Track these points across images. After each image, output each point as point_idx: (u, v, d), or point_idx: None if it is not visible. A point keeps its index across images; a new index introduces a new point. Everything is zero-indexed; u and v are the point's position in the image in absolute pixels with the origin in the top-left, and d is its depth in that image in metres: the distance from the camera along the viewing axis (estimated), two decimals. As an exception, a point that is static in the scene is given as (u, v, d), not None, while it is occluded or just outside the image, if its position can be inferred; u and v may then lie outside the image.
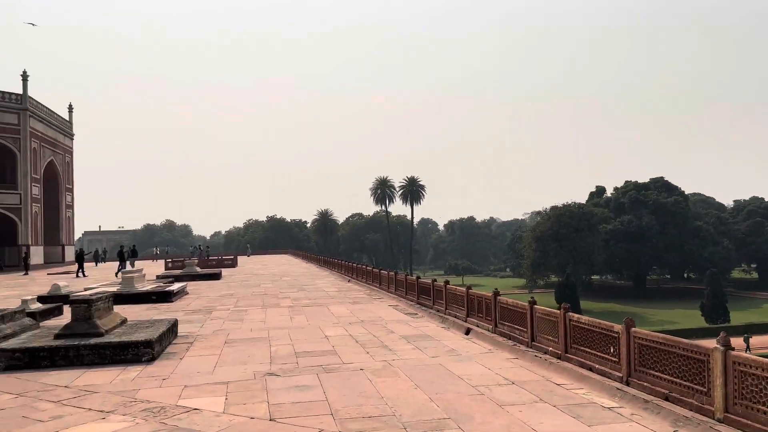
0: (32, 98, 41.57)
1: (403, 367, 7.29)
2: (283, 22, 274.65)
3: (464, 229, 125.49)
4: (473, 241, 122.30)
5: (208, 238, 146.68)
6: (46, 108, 44.67)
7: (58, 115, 47.77)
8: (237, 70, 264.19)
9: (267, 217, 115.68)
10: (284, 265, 40.04)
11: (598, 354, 6.47)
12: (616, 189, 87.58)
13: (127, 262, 31.26)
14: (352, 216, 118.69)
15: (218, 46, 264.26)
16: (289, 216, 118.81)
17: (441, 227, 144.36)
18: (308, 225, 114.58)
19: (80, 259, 33.09)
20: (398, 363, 7.52)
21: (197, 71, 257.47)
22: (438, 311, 11.72)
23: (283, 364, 7.61)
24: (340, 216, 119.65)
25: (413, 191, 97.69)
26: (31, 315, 10.75)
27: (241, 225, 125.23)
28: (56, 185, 47.47)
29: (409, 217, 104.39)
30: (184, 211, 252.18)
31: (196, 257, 40.43)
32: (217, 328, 10.95)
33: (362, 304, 14.55)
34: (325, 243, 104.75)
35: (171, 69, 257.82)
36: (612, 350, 6.25)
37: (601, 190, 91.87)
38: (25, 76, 41.00)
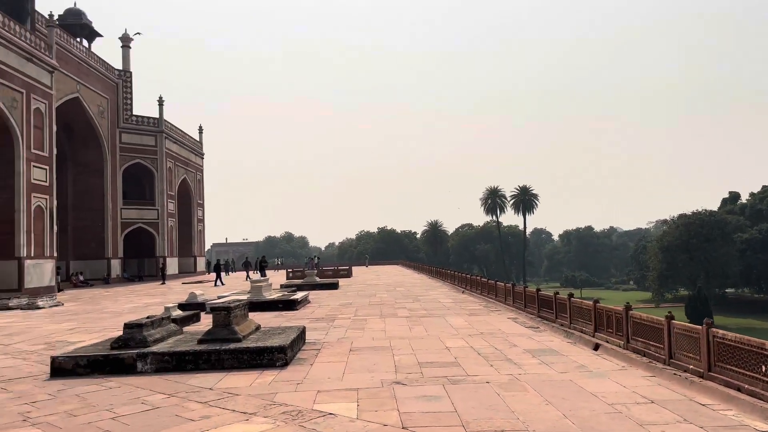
0: (167, 121, 45.43)
1: (530, 381, 7.13)
2: (388, 35, 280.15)
3: (581, 239, 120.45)
4: (591, 252, 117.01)
5: (323, 249, 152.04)
6: (180, 130, 48.64)
7: (190, 136, 51.84)
8: (343, 83, 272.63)
9: (378, 228, 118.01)
10: (397, 275, 40.55)
11: (748, 373, 5.97)
12: (752, 195, 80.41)
13: (256, 272, 33.16)
14: (462, 226, 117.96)
15: (326, 59, 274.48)
16: (399, 227, 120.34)
17: (555, 237, 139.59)
18: (418, 236, 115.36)
19: (217, 269, 35.67)
20: (525, 377, 7.37)
21: (313, 83, 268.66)
22: (561, 325, 11.34)
23: (408, 373, 7.72)
24: (450, 226, 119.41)
25: (525, 200, 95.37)
26: (174, 321, 11.69)
27: (353, 236, 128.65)
28: (188, 201, 51.47)
29: (521, 227, 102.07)
30: (302, 224, 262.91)
31: (308, 267, 42.02)
32: (341, 336, 11.31)
33: (480, 316, 14.40)
34: (434, 254, 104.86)
35: (288, 81, 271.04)
36: (764, 369, 5.76)
37: (735, 196, 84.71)
38: (161, 102, 44.94)
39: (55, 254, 29.88)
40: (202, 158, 55.50)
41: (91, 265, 39.37)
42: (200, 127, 55.58)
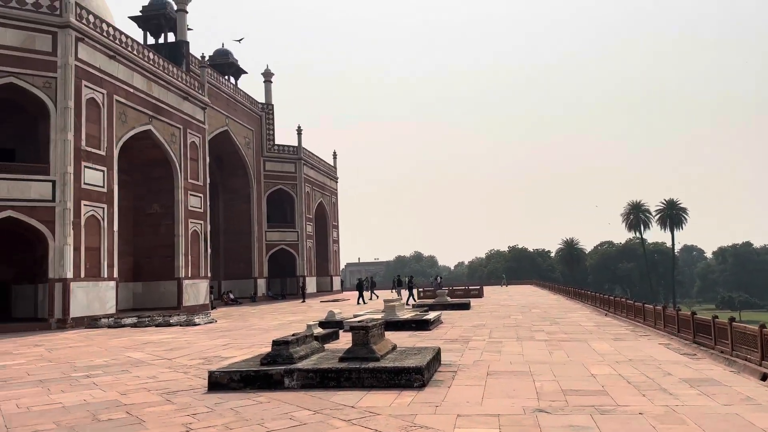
0: (305, 149, 48.08)
1: (689, 414, 6.51)
2: (504, 47, 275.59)
3: (739, 256, 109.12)
4: (750, 271, 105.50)
5: (452, 268, 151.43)
6: (316, 156, 51.24)
7: (325, 162, 54.43)
8: (469, 100, 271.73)
9: (508, 247, 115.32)
10: (530, 296, 39.26)
11: None
12: None
13: (393, 291, 33.71)
14: (601, 244, 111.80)
15: (450, 79, 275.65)
16: (530, 245, 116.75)
17: (708, 255, 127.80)
18: (551, 254, 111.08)
19: (360, 287, 36.87)
20: (684, 409, 6.75)
21: (440, 103, 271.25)
22: (722, 352, 10.28)
23: (551, 401, 7.38)
24: (587, 244, 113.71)
25: (673, 215, 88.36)
26: (316, 339, 12.18)
27: (483, 255, 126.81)
28: (324, 223, 53.89)
29: (668, 244, 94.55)
30: (431, 243, 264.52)
31: (433, 287, 41.98)
32: (477, 358, 11.12)
33: (626, 341, 13.47)
34: (571, 273, 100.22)
35: (416, 102, 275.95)
36: None
37: None
38: (299, 131, 47.76)
39: (209, 274, 32.53)
40: (337, 182, 57.92)
41: (240, 284, 42.31)
42: (334, 153, 58.16)
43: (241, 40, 45.64)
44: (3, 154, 23.06)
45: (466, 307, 25.90)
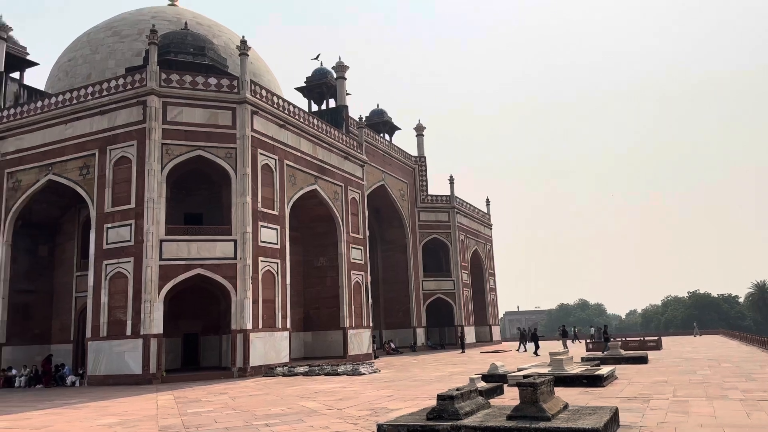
0: (457, 197, 48.45)
1: None
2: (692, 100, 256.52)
3: None
4: None
5: (623, 317, 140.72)
6: (469, 204, 51.37)
7: (478, 209, 54.30)
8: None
9: (688, 292, 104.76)
10: (718, 347, 35.06)
11: None
12: None
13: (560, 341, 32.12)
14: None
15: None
16: (714, 290, 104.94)
17: None
18: (740, 300, 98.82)
19: (534, 338, 35.02)
20: None
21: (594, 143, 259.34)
22: None
23: (757, 474, 6.44)
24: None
25: None
26: (480, 393, 11.90)
27: (658, 302, 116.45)
28: (480, 271, 53.28)
29: None
30: (598, 289, 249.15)
31: (596, 338, 39.03)
32: (660, 420, 10.09)
33: None
34: (765, 321, 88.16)
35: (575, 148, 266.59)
36: None
37: None
38: (451, 180, 48.38)
39: (371, 324, 33.48)
40: (491, 229, 57.35)
41: (399, 334, 42.99)
42: (487, 200, 57.92)
43: (318, 56, 41.39)
44: (193, 218, 26.10)
45: (642, 360, 23.80)
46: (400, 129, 47.98)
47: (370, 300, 33.63)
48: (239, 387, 18.96)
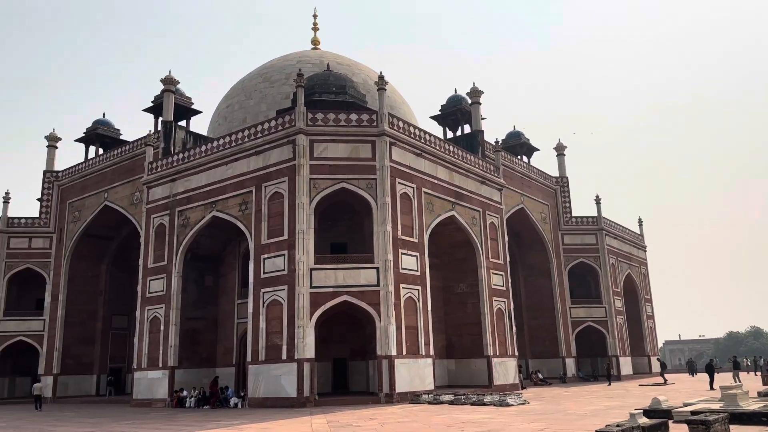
0: (605, 218, 45.89)
1: None
2: None
3: None
4: None
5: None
6: (619, 225, 48.44)
7: (630, 230, 50.97)
8: None
9: None
10: None
11: None
12: None
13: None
14: None
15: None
16: None
17: None
18: None
19: (709, 370, 31.87)
20: None
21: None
22: None
23: None
24: None
25: None
26: (642, 430, 11.01)
27: None
28: (635, 297, 49.75)
29: None
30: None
31: (764, 370, 34.27)
32: None
33: None
34: None
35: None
36: None
37: None
38: (598, 201, 45.99)
39: (516, 353, 32.49)
40: (645, 251, 53.53)
41: (547, 364, 41.23)
42: (640, 220, 54.26)
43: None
44: (339, 247, 27.27)
45: (837, 398, 20.57)
46: (538, 150, 46.79)
47: (514, 328, 32.68)
48: (387, 413, 19.23)
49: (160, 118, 34.37)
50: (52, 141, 41.88)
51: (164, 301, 29.08)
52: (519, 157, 43.46)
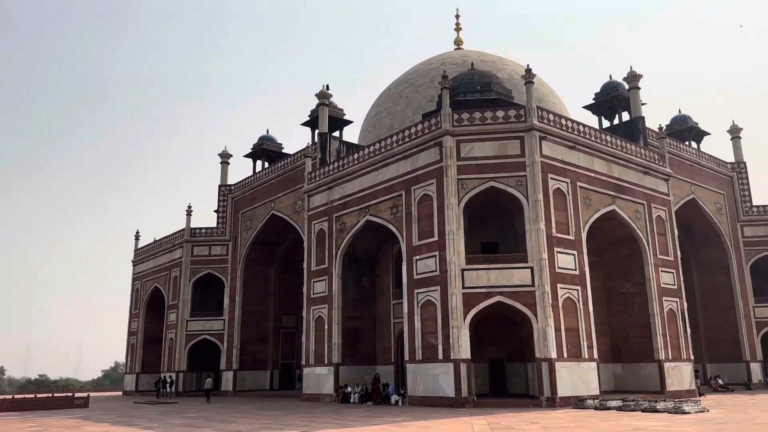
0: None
1: None
2: None
3: None
4: None
5: None
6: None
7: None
8: None
9: None
10: None
11: None
12: None
13: None
14: None
15: None
16: None
17: None
18: None
19: None
20: None
21: None
22: None
23: None
24: None
25: None
26: None
27: None
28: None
29: None
30: None
31: None
32: None
33: None
34: None
35: None
36: None
37: None
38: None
39: (692, 357, 29.81)
40: None
41: (727, 368, 37.39)
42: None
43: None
44: (489, 247, 26.92)
45: None
46: (709, 134, 42.43)
47: (689, 329, 29.93)
48: (550, 417, 18.60)
49: (317, 131, 36.51)
50: (225, 158, 46.34)
51: (327, 302, 30.80)
52: (687, 143, 39.78)
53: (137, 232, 53.12)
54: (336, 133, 37.59)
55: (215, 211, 44.89)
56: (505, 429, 15.43)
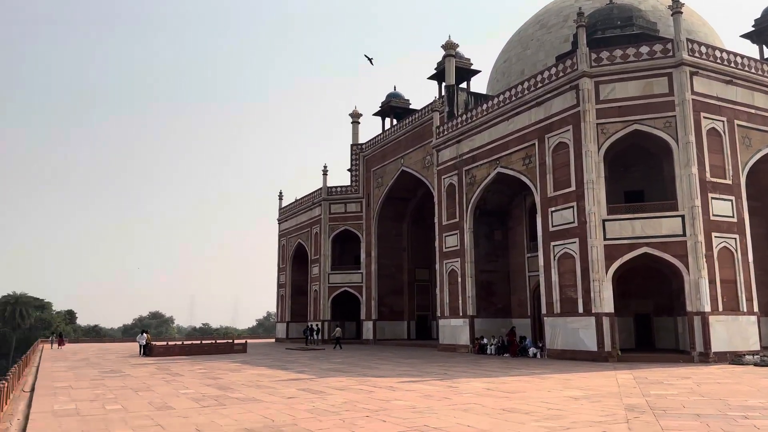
0: None
1: None
2: None
3: None
4: None
5: None
6: None
7: None
8: None
9: None
10: None
11: None
12: None
13: None
14: None
15: None
16: None
17: None
18: None
19: None
20: None
21: None
22: None
23: None
24: None
25: None
26: None
27: None
28: None
29: None
30: None
31: None
32: None
33: None
34: None
35: None
36: None
37: None
38: None
39: None
40: None
41: None
42: None
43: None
44: (634, 195, 25.27)
45: None
46: None
47: None
48: (703, 373, 17.48)
49: (443, 83, 36.06)
50: (355, 117, 47.47)
51: (459, 255, 30.93)
52: None
53: (280, 193, 56.61)
54: (463, 85, 36.90)
55: (348, 169, 46.44)
56: (653, 383, 14.76)
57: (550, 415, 10.05)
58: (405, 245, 43.82)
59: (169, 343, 39.86)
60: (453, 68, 35.04)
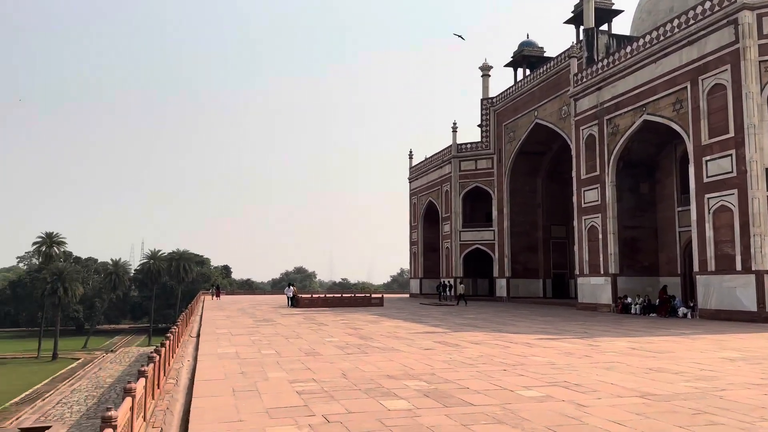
0: None
1: None
2: None
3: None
4: None
5: None
6: None
7: None
8: None
9: None
10: None
11: None
12: None
13: None
14: None
15: None
16: None
17: None
18: None
19: None
20: None
21: None
22: None
23: None
24: None
25: None
26: None
27: None
28: None
29: None
30: None
31: None
32: None
33: None
34: None
35: None
36: None
37: None
38: None
39: None
40: None
41: None
42: None
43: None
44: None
45: None
46: None
47: None
48: None
49: (581, 27, 33.86)
50: (485, 70, 46.20)
51: (600, 211, 29.45)
52: None
53: (410, 152, 57.07)
54: (604, 27, 34.39)
55: (478, 125, 45.55)
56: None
57: (702, 376, 9.45)
58: (539, 201, 42.49)
59: (313, 295, 42.59)
60: (592, 9, 32.68)
